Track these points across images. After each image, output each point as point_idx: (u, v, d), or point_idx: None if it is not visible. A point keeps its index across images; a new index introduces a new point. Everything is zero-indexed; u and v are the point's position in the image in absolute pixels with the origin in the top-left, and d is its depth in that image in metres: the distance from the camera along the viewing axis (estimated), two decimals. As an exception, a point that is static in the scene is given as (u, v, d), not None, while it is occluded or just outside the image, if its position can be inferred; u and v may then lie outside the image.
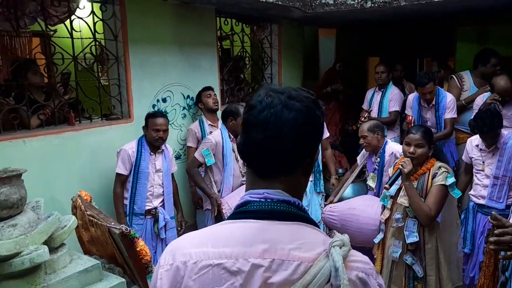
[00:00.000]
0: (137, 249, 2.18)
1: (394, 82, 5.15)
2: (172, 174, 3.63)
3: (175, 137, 4.24)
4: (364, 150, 3.75)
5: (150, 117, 3.41)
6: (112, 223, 2.24)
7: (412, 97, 4.68)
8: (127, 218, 3.35)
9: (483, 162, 3.35)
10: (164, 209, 3.47)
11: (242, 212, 0.97)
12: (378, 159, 3.57)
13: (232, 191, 3.58)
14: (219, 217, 3.45)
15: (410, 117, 4.46)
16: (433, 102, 4.43)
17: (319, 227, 0.99)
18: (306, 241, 0.92)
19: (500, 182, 3.22)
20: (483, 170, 3.35)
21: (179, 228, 3.66)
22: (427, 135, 2.85)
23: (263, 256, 0.90)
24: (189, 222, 4.13)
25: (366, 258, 0.97)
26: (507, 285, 2.90)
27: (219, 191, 3.59)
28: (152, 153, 3.41)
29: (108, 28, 3.66)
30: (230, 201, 3.42)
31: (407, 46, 6.09)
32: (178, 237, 3.54)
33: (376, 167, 3.58)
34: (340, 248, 0.90)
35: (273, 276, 0.88)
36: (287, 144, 0.94)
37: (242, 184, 3.66)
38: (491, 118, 3.15)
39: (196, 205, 4.19)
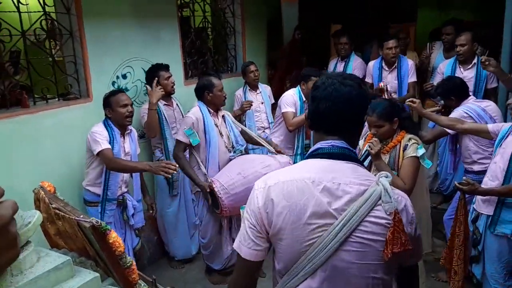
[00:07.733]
0: (110, 242, 2.06)
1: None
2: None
3: (138, 115, 4.00)
4: None
5: (111, 96, 3.18)
6: (81, 216, 2.10)
7: (372, 63, 4.71)
8: (100, 205, 3.16)
9: None
10: (130, 194, 3.32)
11: (315, 154, 1.35)
12: None
13: (219, 167, 3.40)
14: (214, 200, 3.29)
15: (382, 84, 4.36)
16: (395, 65, 4.48)
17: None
18: (361, 174, 1.30)
19: None
20: None
21: (151, 211, 3.54)
22: (385, 111, 2.78)
23: (332, 181, 1.26)
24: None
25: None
26: (480, 259, 2.97)
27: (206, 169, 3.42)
28: (121, 136, 3.21)
29: (59, 0, 3.35)
30: (222, 178, 3.23)
31: (372, 12, 6.03)
32: (144, 220, 3.43)
33: None
34: (386, 177, 1.27)
35: (343, 195, 1.25)
36: (345, 109, 1.32)
37: (231, 160, 3.47)
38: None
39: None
